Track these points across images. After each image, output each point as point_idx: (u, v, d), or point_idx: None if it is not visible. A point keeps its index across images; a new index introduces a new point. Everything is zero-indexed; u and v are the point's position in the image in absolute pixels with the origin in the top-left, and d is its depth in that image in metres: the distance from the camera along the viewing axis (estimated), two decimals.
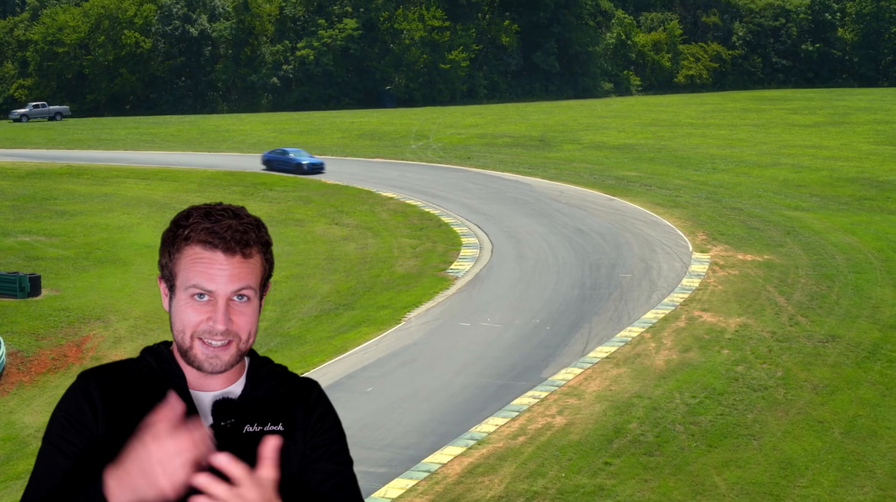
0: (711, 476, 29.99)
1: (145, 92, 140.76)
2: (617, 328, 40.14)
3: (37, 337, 40.79)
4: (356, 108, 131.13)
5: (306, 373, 37.22)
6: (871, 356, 37.58)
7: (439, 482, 29.75)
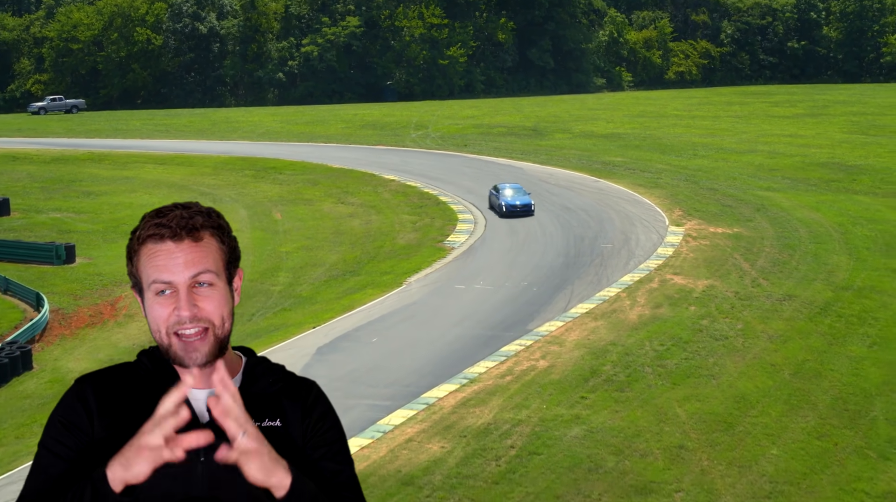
0: (674, 407, 33.84)
1: (156, 87, 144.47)
2: (596, 289, 43.94)
3: (75, 297, 44.59)
4: (359, 102, 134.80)
5: (318, 327, 41.17)
6: (822, 312, 41.39)
7: (436, 412, 33.59)
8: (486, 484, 29.68)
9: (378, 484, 29.78)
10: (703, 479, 29.95)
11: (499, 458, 30.89)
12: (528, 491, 29.30)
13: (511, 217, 53.43)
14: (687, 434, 32.26)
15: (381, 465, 30.70)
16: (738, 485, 29.69)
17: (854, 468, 30.66)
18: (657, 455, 31.14)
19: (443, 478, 29.93)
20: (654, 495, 29.05)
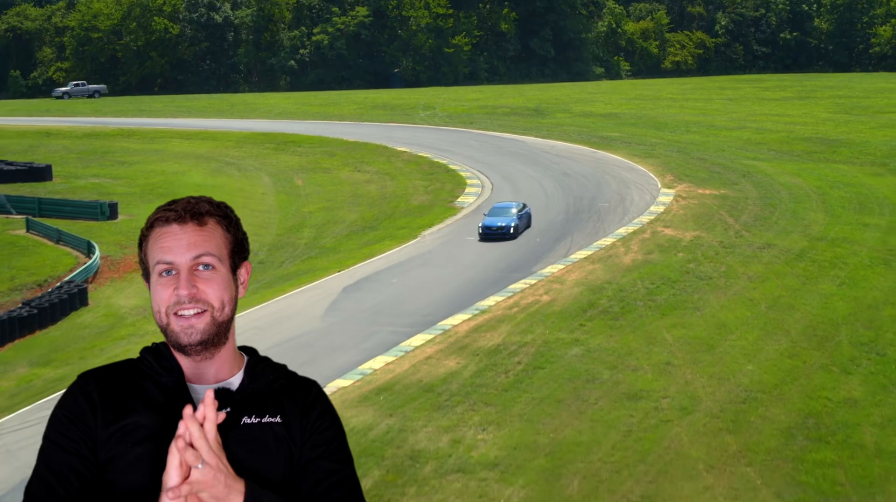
0: (662, 333, 37.57)
1: (173, 74, 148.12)
2: (594, 239, 47.65)
3: (121, 246, 48.34)
4: (367, 89, 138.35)
5: (343, 271, 44.90)
6: (798, 257, 45.09)
7: (451, 336, 37.35)
8: (496, 391, 33.44)
9: (402, 390, 33.55)
10: (687, 389, 33.68)
11: (508, 372, 34.64)
12: (534, 397, 33.05)
13: (488, 240, 46.81)
14: (673, 353, 36.00)
15: (404, 376, 34.47)
16: (718, 393, 33.42)
17: (819, 380, 34.38)
18: (647, 369, 34.87)
19: (459, 386, 33.69)
20: (643, 400, 32.79)
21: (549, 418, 31.97)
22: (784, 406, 32.78)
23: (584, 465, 29.51)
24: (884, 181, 58.81)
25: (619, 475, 29.02)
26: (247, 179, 63.75)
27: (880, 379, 34.56)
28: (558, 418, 32.00)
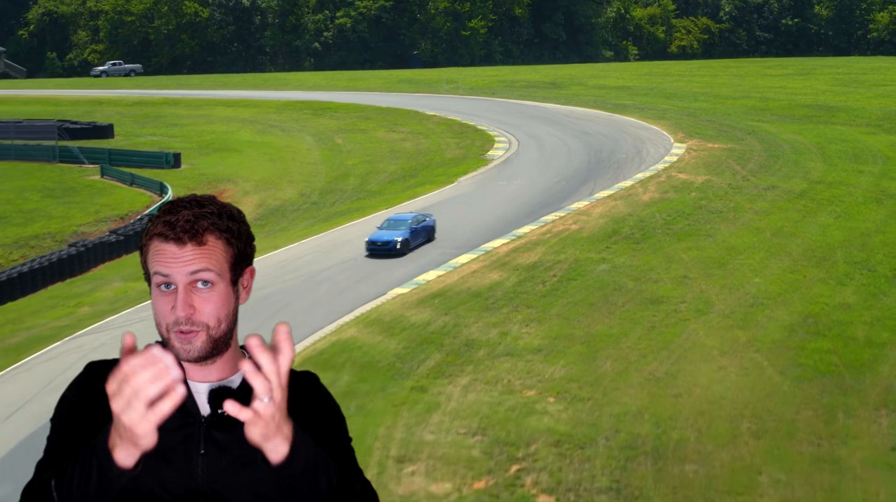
0: (679, 253, 41.74)
1: (202, 56, 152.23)
2: (615, 182, 51.80)
3: (188, 188, 52.59)
4: (388, 69, 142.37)
5: (388, 209, 49.04)
6: (799, 196, 49.20)
7: (493, 255, 41.57)
8: (536, 297, 37.66)
9: (454, 296, 37.79)
10: (702, 296, 37.88)
11: (545, 282, 38.86)
12: (569, 301, 37.28)
13: (373, 257, 41.39)
14: (689, 269, 40.18)
15: (454, 286, 38.70)
16: (728, 299, 37.61)
17: (818, 290, 38.57)
18: (666, 281, 39.07)
19: (503, 293, 37.92)
20: (664, 304, 37.00)
21: (582, 317, 36.21)
22: (787, 309, 36.97)
23: (615, 351, 33.74)
24: (878, 138, 62.80)
25: (646, 359, 33.25)
26: (291, 138, 67.91)
27: (871, 289, 38.72)
28: (591, 317, 36.23)
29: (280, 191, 54.45)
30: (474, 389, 31.23)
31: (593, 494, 25.94)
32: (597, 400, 30.62)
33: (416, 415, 29.67)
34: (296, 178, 57.36)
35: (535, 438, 28.45)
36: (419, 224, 42.52)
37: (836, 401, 30.83)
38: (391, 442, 28.26)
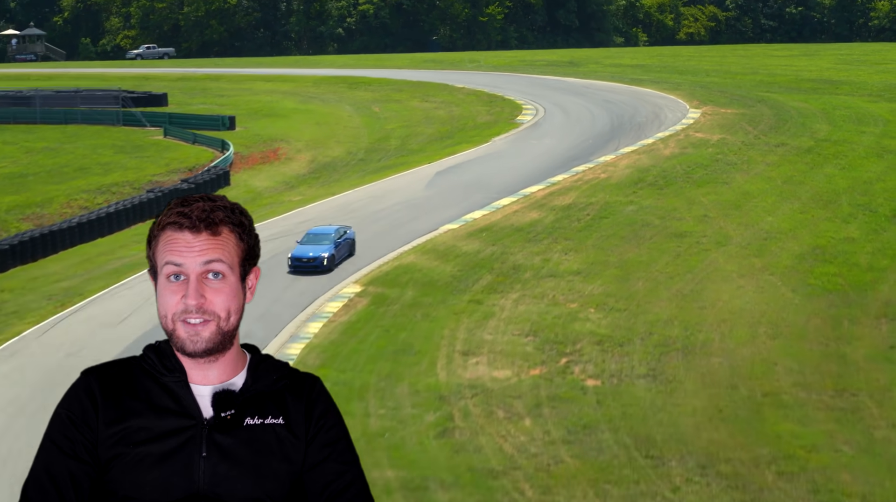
0: (699, 197, 45.43)
1: (230, 41, 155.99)
2: (637, 140, 55.48)
3: (246, 146, 56.40)
4: (409, 53, 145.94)
5: (431, 163, 52.77)
6: (807, 152, 52.85)
7: (531, 198, 45.31)
8: (572, 231, 41.42)
9: (499, 230, 41.57)
10: (721, 231, 41.59)
11: (579, 220, 42.61)
12: (602, 235, 41.03)
13: (298, 274, 37.22)
14: (708, 210, 43.88)
15: (497, 222, 42.47)
16: (745, 234, 41.32)
17: (824, 227, 42.26)
18: (688, 219, 42.79)
19: (543, 228, 41.68)
20: (687, 238, 40.73)
21: (615, 247, 39.98)
22: (797, 241, 40.69)
23: (645, 274, 37.51)
24: (879, 105, 66.36)
25: (673, 280, 37.02)
26: (331, 107, 71.62)
27: (872, 226, 42.42)
28: (622, 247, 39.99)
29: (329, 149, 58.27)
30: (523, 302, 35.01)
31: (633, 379, 29.73)
32: (631, 310, 34.39)
33: (474, 321, 33.47)
34: (342, 139, 61.13)
35: (580, 339, 32.24)
36: (342, 237, 38.45)
37: (841, 313, 34.58)
38: (455, 341, 32.06)
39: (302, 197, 48.36)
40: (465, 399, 28.21)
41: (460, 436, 26.12)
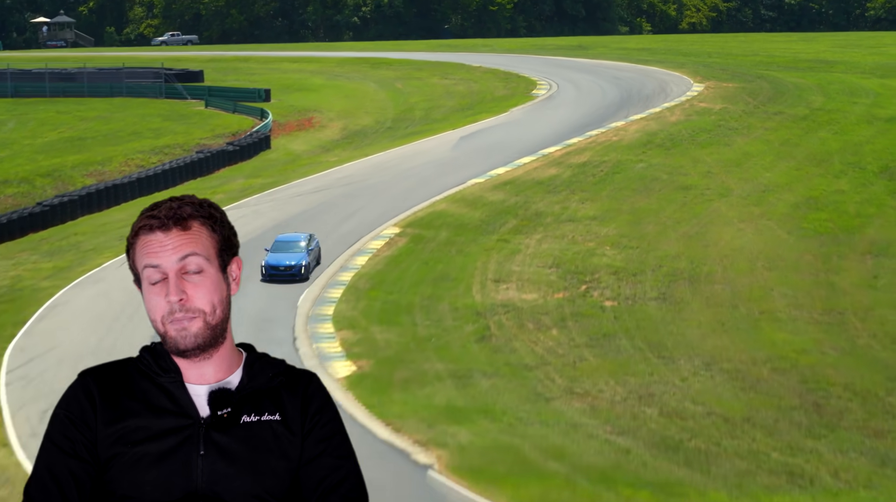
0: (703, 156, 48.82)
1: (250, 30, 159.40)
2: (645, 109, 58.85)
3: (282, 115, 59.86)
4: (423, 40, 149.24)
5: (455, 129, 56.16)
6: (802, 119, 56.17)
7: (549, 157, 48.72)
8: (588, 184, 44.84)
9: (521, 183, 45.01)
10: (723, 185, 44.99)
11: (594, 175, 46.03)
12: (615, 187, 44.47)
13: (274, 282, 34.24)
14: (711, 167, 47.27)
15: (520, 177, 45.89)
16: (745, 187, 44.71)
17: (817, 181, 45.62)
18: (693, 175, 46.17)
19: (561, 182, 45.11)
20: (692, 190, 44.13)
21: (627, 197, 43.43)
22: (792, 193, 44.10)
23: (655, 218, 40.95)
24: (871, 81, 69.62)
25: (680, 224, 40.46)
26: (357, 84, 75.01)
27: (861, 180, 45.81)
28: (634, 197, 43.43)
29: (358, 119, 61.69)
30: (546, 242, 38.49)
31: (646, 301, 33.20)
32: (643, 248, 37.85)
33: (503, 256, 36.95)
34: (370, 110, 64.56)
35: (598, 270, 35.72)
36: (311, 245, 35.70)
37: (831, 250, 38.03)
38: (487, 271, 35.55)
39: (338, 158, 51.80)
40: (499, 314, 31.69)
41: (497, 341, 29.60)
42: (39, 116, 60.33)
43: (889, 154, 49.34)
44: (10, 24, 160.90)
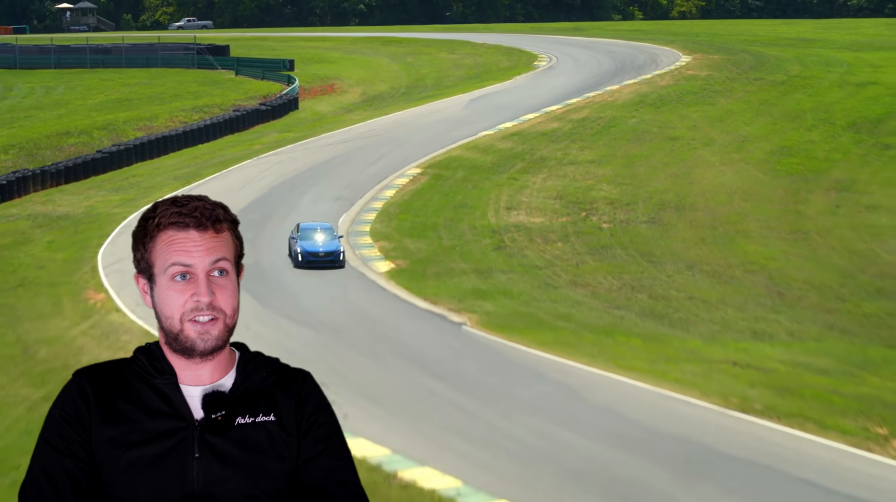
0: (690, 113, 53.20)
1: (261, 16, 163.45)
2: (637, 76, 63.25)
3: (306, 82, 64.21)
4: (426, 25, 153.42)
5: (464, 94, 60.50)
6: (780, 84, 60.58)
7: (551, 114, 53.09)
8: (586, 135, 49.27)
9: (527, 135, 49.45)
10: (707, 136, 49.42)
11: (592, 128, 50.43)
12: (610, 138, 48.88)
13: (311, 268, 31.94)
14: (697, 122, 51.69)
15: (525, 130, 50.34)
16: (726, 139, 49.14)
17: (792, 134, 50.06)
18: (681, 128, 50.58)
19: (562, 134, 49.53)
20: (680, 140, 48.56)
21: (621, 146, 47.87)
22: (768, 143, 48.56)
23: (646, 163, 45.41)
24: (846, 54, 73.99)
25: (667, 166, 44.90)
26: (370, 58, 79.33)
27: (830, 133, 50.26)
28: (627, 146, 47.87)
29: (375, 86, 66.07)
30: (550, 179, 42.94)
31: (637, 224, 37.67)
32: (635, 184, 42.31)
33: (513, 190, 41.40)
34: (385, 79, 68.91)
35: (596, 200, 40.19)
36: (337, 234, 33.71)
37: (800, 186, 42.51)
38: (500, 201, 40.00)
39: (360, 116, 56.21)
40: (512, 232, 36.17)
41: (510, 250, 34.09)
42: (85, 83, 64.73)
43: (857, 112, 53.78)
44: (31, 12, 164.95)
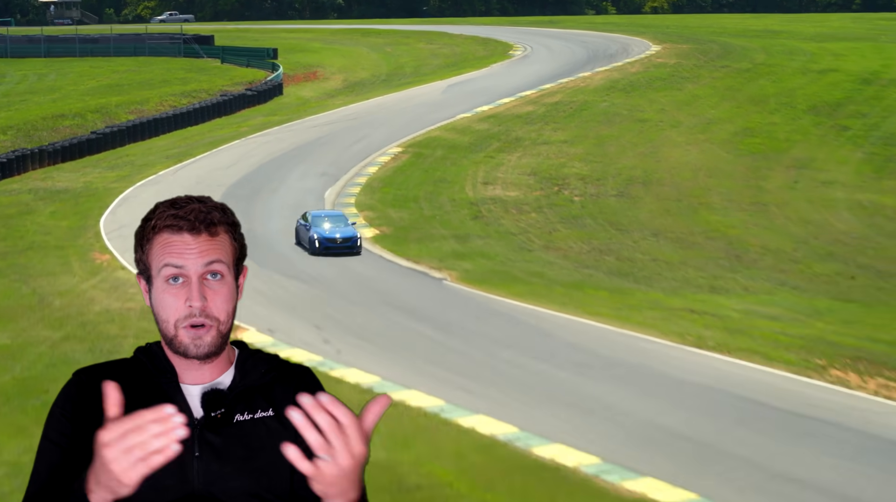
0: (658, 98, 55.18)
1: (240, 11, 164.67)
2: (608, 63, 65.23)
3: (290, 70, 65.83)
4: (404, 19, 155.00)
5: (442, 80, 62.30)
6: (746, 71, 62.66)
7: (525, 98, 54.93)
8: (559, 118, 51.17)
9: (502, 117, 51.29)
10: (675, 118, 51.39)
11: (565, 111, 52.34)
12: (582, 120, 50.81)
13: (328, 255, 31.04)
14: (665, 106, 53.67)
15: (501, 112, 52.21)
16: (693, 120, 51.13)
17: (755, 117, 52.09)
18: (650, 111, 52.57)
19: (536, 116, 51.40)
20: (648, 122, 50.56)
21: (592, 128, 49.80)
22: (732, 125, 50.59)
23: (616, 143, 47.36)
24: (810, 45, 76.21)
25: (636, 146, 46.90)
26: (350, 48, 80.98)
27: (792, 116, 52.37)
28: (597, 128, 49.81)
29: (356, 73, 67.75)
30: (525, 158, 44.83)
31: (607, 197, 39.61)
32: (605, 162, 44.25)
33: (489, 168, 43.26)
34: (366, 67, 70.60)
35: (568, 176, 42.11)
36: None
37: (761, 164, 44.58)
38: (477, 176, 41.86)
39: (342, 101, 57.94)
40: (489, 204, 38.03)
41: (487, 220, 35.96)
42: (76, 70, 66.14)
43: (818, 97, 55.93)
44: (15, 7, 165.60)
